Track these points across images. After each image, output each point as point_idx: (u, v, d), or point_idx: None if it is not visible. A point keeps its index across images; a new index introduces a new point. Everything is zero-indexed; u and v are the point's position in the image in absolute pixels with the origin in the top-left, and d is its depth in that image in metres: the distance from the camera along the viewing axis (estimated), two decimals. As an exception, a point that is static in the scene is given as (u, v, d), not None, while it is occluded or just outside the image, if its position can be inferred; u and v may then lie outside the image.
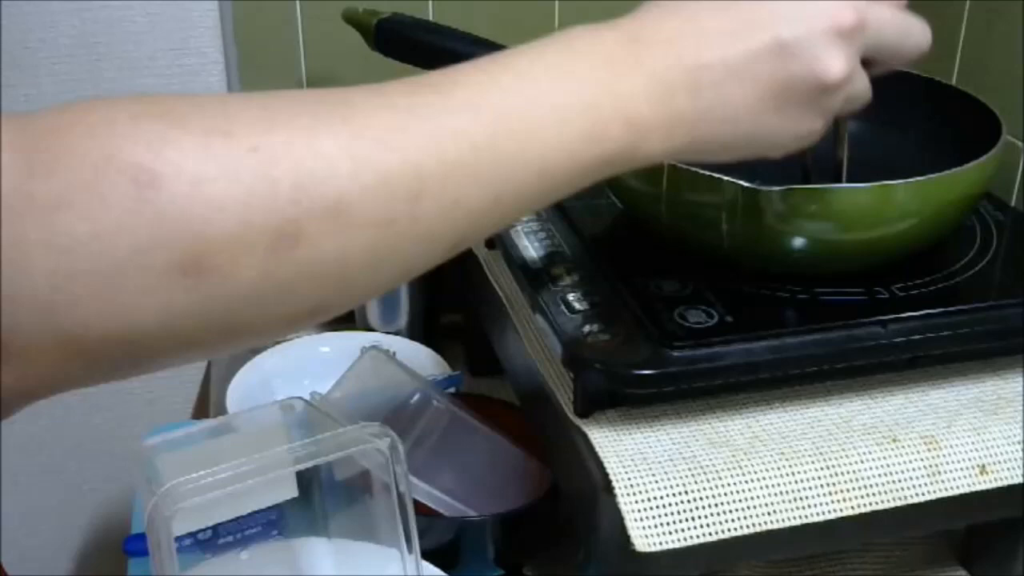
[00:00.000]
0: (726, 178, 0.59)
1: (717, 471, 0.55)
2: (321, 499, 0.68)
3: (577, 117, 0.43)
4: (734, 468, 0.55)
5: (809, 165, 0.63)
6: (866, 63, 0.50)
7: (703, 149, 0.47)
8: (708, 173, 0.59)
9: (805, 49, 0.46)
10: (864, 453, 0.56)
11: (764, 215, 0.59)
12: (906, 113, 0.76)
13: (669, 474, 0.54)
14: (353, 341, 0.91)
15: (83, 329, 0.34)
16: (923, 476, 0.57)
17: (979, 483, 0.57)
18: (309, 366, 0.90)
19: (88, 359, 0.35)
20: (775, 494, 0.55)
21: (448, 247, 0.42)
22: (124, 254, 0.33)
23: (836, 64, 0.46)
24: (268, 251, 0.36)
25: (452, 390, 0.83)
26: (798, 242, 0.61)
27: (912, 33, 0.51)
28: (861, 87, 0.50)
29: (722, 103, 0.46)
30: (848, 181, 0.62)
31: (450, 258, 0.43)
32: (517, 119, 0.41)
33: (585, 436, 0.57)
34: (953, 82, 0.90)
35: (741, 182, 0.58)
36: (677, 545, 0.53)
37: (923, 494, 0.57)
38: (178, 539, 0.59)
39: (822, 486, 0.55)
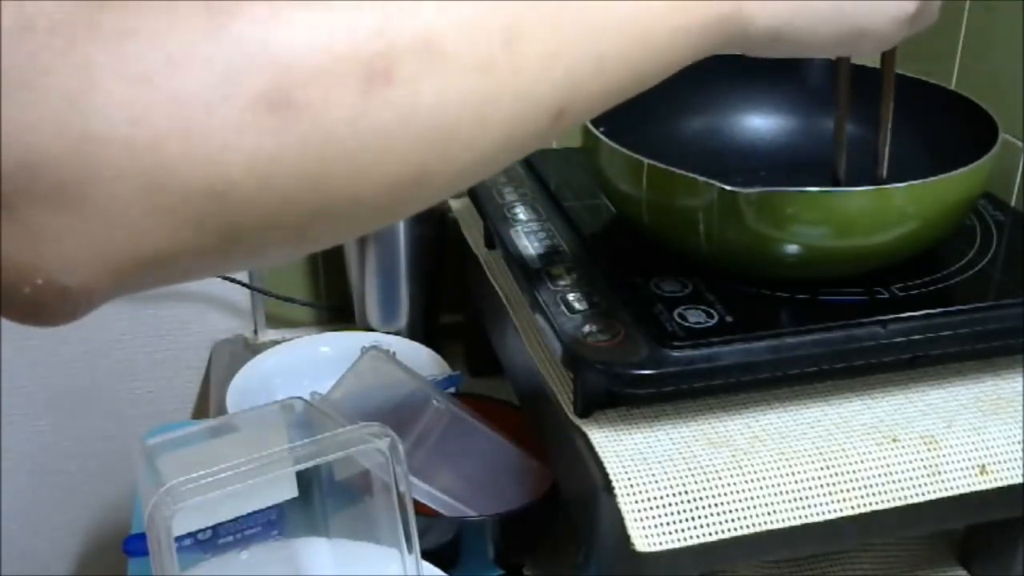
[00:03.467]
0: (703, 179, 0.58)
1: (717, 471, 0.55)
2: (321, 499, 0.68)
3: None
4: (734, 468, 0.55)
5: (840, 162, 0.62)
6: None
7: (802, 26, 0.46)
8: (684, 173, 0.59)
9: None
10: (864, 453, 0.57)
11: (742, 217, 0.59)
12: (903, 117, 0.76)
13: (669, 474, 0.54)
14: (353, 341, 0.91)
15: (168, 172, 0.31)
16: (923, 476, 0.57)
17: (979, 483, 0.57)
18: (309, 366, 0.91)
19: (176, 216, 0.32)
20: (775, 494, 0.55)
21: (553, 113, 0.39)
22: (204, 84, 0.30)
23: None
24: (360, 86, 0.33)
25: (452, 390, 0.83)
26: (779, 246, 0.60)
27: None
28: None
29: None
30: (845, 185, 0.62)
31: (558, 133, 0.40)
32: None
33: (585, 436, 0.57)
34: (953, 83, 0.90)
35: (718, 183, 0.58)
36: (677, 545, 0.53)
37: (923, 494, 0.57)
38: (178, 539, 0.59)
39: (822, 486, 0.55)
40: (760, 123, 0.81)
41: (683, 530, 0.53)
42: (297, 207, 0.34)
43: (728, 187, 0.57)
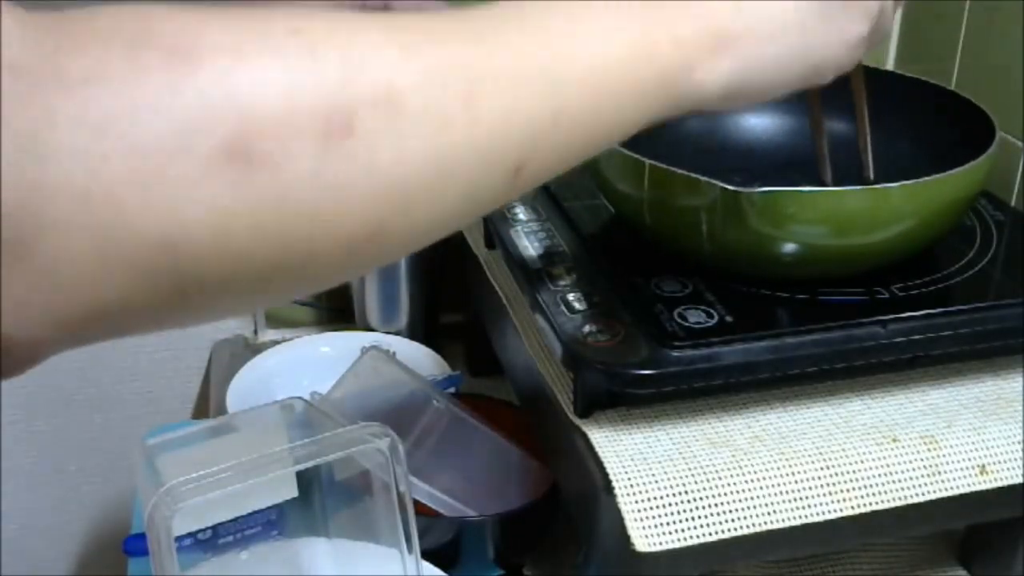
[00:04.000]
0: (706, 179, 0.58)
1: (717, 471, 0.55)
2: (321, 499, 0.68)
3: (624, 31, 0.42)
4: (734, 468, 0.55)
5: (824, 164, 0.62)
6: None
7: (757, 76, 0.47)
8: (686, 173, 0.59)
9: None
10: (864, 453, 0.57)
11: (745, 217, 0.59)
12: (903, 116, 0.76)
13: (669, 474, 0.54)
14: (353, 341, 0.91)
15: (123, 225, 0.30)
16: (923, 476, 0.57)
17: (979, 483, 0.57)
18: (309, 366, 0.91)
19: (129, 269, 0.31)
20: (775, 494, 0.55)
21: (511, 169, 0.39)
22: (164, 135, 0.30)
23: None
24: (319, 139, 0.32)
25: (452, 390, 0.83)
26: (781, 245, 0.60)
27: None
28: (889, 10, 0.51)
29: (765, 19, 0.46)
30: (844, 184, 0.62)
31: (517, 192, 0.40)
32: (563, 33, 0.40)
33: (585, 436, 0.57)
34: (953, 82, 0.90)
35: (721, 183, 0.58)
36: (677, 545, 0.53)
37: (923, 494, 0.57)
38: (178, 539, 0.59)
39: (822, 486, 0.55)
40: (756, 122, 0.81)
41: (683, 530, 0.53)
42: (252, 262, 0.33)
43: (731, 187, 0.57)
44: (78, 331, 0.32)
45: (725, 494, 0.54)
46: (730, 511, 0.54)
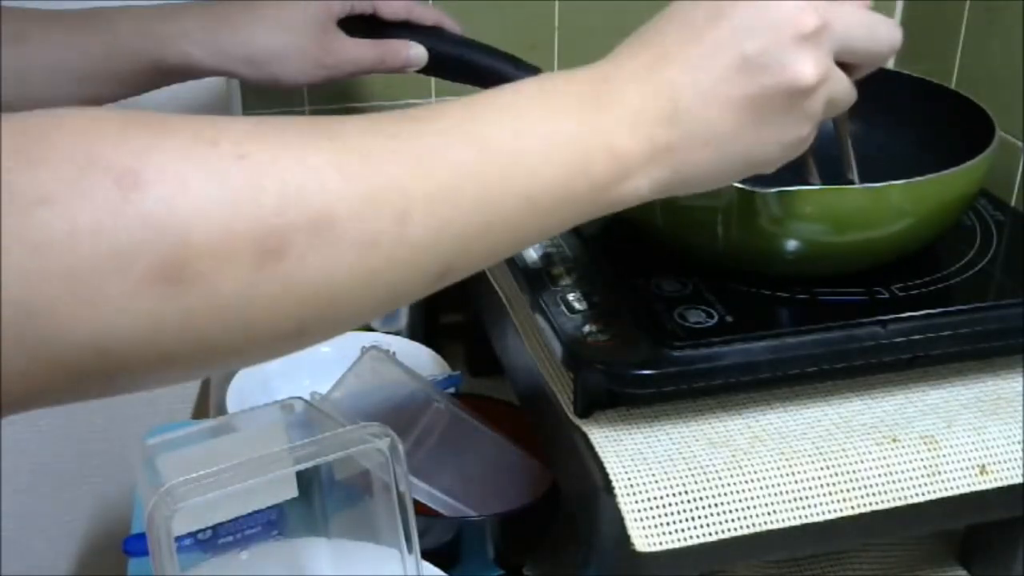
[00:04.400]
0: None
1: (717, 471, 0.55)
2: (321, 499, 0.68)
3: (562, 146, 0.43)
4: (734, 468, 0.55)
5: (810, 166, 0.62)
6: (846, 67, 0.50)
7: (691, 179, 0.48)
8: None
9: (772, 59, 0.46)
10: (864, 453, 0.57)
11: (759, 217, 0.59)
12: (904, 115, 0.76)
13: (669, 474, 0.54)
14: (353, 341, 0.91)
15: (58, 337, 0.32)
16: (923, 476, 0.57)
17: (979, 483, 0.57)
18: (309, 366, 0.90)
19: (61, 372, 0.33)
20: (775, 494, 0.55)
21: (436, 275, 0.41)
22: (103, 256, 0.32)
23: (806, 68, 0.46)
24: (252, 262, 0.35)
25: (452, 390, 0.83)
26: (794, 244, 0.60)
27: (879, 31, 0.51)
28: (841, 88, 0.50)
29: (701, 127, 0.46)
30: (842, 183, 0.62)
31: (438, 288, 0.42)
32: (503, 147, 0.42)
33: (585, 436, 0.57)
34: (953, 82, 0.90)
35: (736, 184, 0.58)
36: (677, 545, 0.53)
37: (923, 494, 0.57)
38: (178, 539, 0.59)
39: (822, 486, 0.55)
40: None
41: (683, 530, 0.53)
42: (180, 362, 0.36)
43: (747, 187, 0.58)
44: (9, 412, 0.34)
45: (725, 494, 0.54)
46: (730, 511, 0.54)
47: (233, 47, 0.71)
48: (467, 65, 0.75)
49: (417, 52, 0.76)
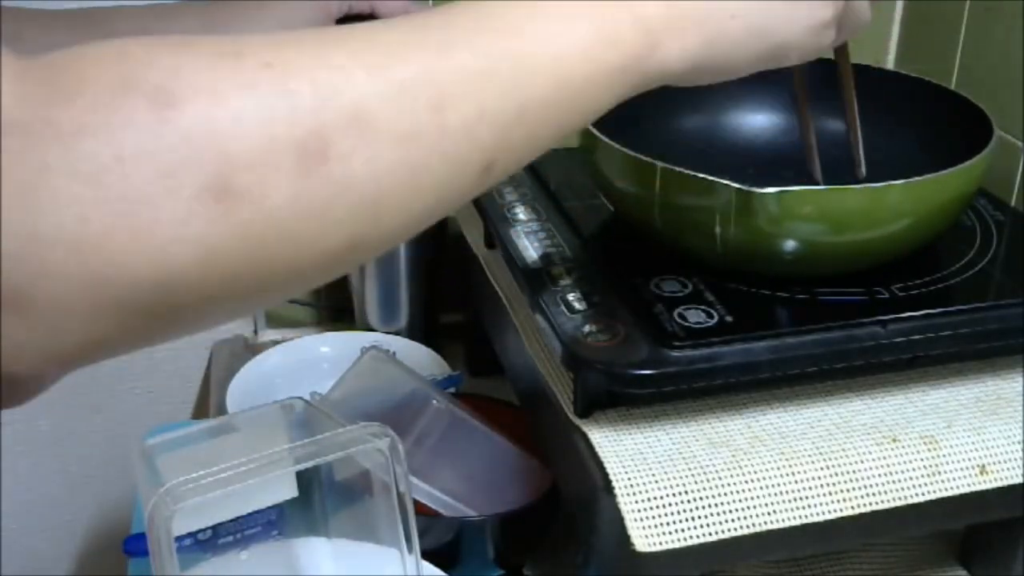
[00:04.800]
0: (719, 180, 0.59)
1: (717, 471, 0.55)
2: (321, 499, 0.68)
3: (586, 16, 0.42)
4: (734, 468, 0.55)
5: (813, 156, 0.62)
6: None
7: (719, 55, 0.47)
8: (701, 176, 0.59)
9: None
10: (864, 453, 0.57)
11: (758, 217, 0.59)
12: (903, 115, 0.76)
13: (669, 474, 0.54)
14: (353, 341, 0.91)
15: (115, 268, 0.32)
16: (923, 476, 0.57)
17: (979, 483, 0.57)
18: (309, 366, 0.91)
19: (123, 308, 0.33)
20: (775, 494, 0.55)
21: (480, 167, 0.40)
22: (151, 179, 0.31)
23: None
24: (297, 167, 0.34)
25: (452, 390, 0.83)
26: (793, 244, 0.60)
27: None
28: None
29: None
30: (844, 183, 0.62)
31: (487, 187, 0.42)
32: (526, 23, 0.41)
33: (585, 436, 0.57)
34: (953, 82, 0.90)
35: (734, 184, 0.58)
36: (677, 545, 0.53)
37: (923, 494, 0.57)
38: (178, 539, 0.59)
39: (822, 486, 0.55)
40: (744, 120, 0.81)
41: (683, 530, 0.53)
42: (239, 285, 0.35)
43: (745, 187, 0.58)
44: (77, 363, 0.34)
45: (725, 494, 0.54)
46: (730, 511, 0.54)
47: None
48: None
49: None
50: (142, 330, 0.34)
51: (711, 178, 0.59)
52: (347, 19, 0.76)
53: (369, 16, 0.76)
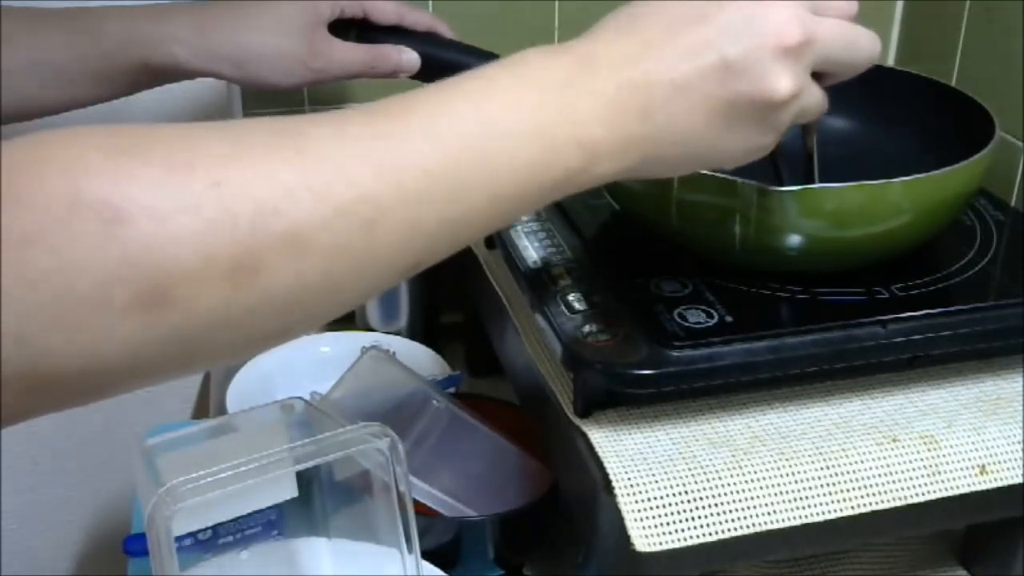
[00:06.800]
0: (741, 180, 0.59)
1: (717, 471, 0.55)
2: (321, 499, 0.68)
3: (530, 143, 0.44)
4: (734, 468, 0.55)
5: (779, 163, 0.63)
6: (818, 76, 0.51)
7: (654, 168, 0.48)
8: (723, 176, 0.59)
9: (751, 68, 0.46)
10: (864, 453, 0.57)
11: (774, 216, 0.59)
12: (904, 114, 0.76)
13: (669, 474, 0.54)
14: (353, 341, 0.91)
15: (47, 361, 0.35)
16: (923, 476, 0.57)
17: (979, 483, 0.57)
18: (309, 366, 0.90)
19: (51, 390, 0.36)
20: (775, 494, 0.55)
21: (405, 269, 0.43)
22: (88, 289, 0.34)
23: (783, 82, 0.47)
24: (229, 282, 0.37)
25: (452, 390, 0.83)
26: (796, 240, 0.61)
27: (860, 45, 0.51)
28: (813, 100, 0.51)
29: (672, 122, 0.46)
30: (842, 180, 0.62)
31: (410, 276, 0.44)
32: (473, 145, 0.42)
33: (585, 436, 0.57)
34: (953, 82, 0.90)
35: (758, 184, 0.58)
36: (677, 545, 0.53)
37: (923, 494, 0.57)
38: (178, 539, 0.59)
39: (822, 486, 0.55)
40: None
41: (683, 530, 0.53)
42: (166, 372, 0.39)
43: (768, 187, 0.58)
44: (9, 424, 0.37)
45: (725, 494, 0.54)
46: (730, 511, 0.54)
47: (220, 49, 0.72)
48: (460, 71, 0.75)
49: (409, 57, 0.76)
50: (74, 401, 0.38)
51: (732, 178, 0.59)
52: (339, 22, 0.75)
53: (363, 20, 0.76)
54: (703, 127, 0.47)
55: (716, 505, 0.54)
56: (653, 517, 0.53)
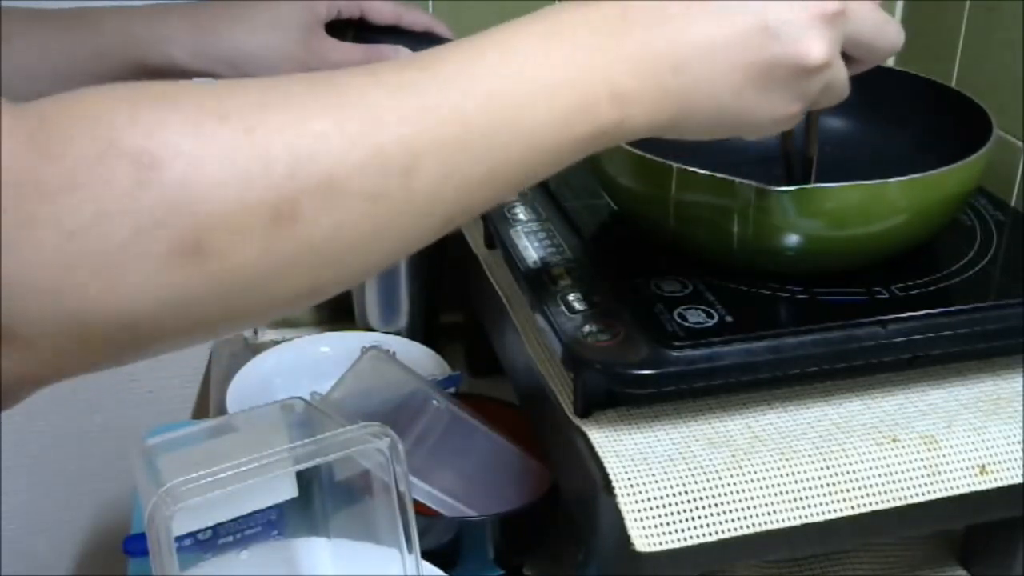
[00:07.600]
0: (738, 180, 0.59)
1: (717, 471, 0.55)
2: (321, 499, 0.68)
3: (565, 92, 0.43)
4: (734, 468, 0.55)
5: (792, 157, 0.63)
6: (846, 60, 0.51)
7: (684, 126, 0.48)
8: (720, 176, 0.59)
9: (789, 31, 0.47)
10: (864, 453, 0.57)
11: (772, 216, 0.59)
12: (903, 114, 0.76)
13: (669, 474, 0.54)
14: (353, 341, 0.91)
15: (88, 313, 0.34)
16: (923, 476, 0.57)
17: (979, 483, 0.57)
18: (309, 366, 0.90)
19: (92, 344, 0.35)
20: (775, 494, 0.55)
21: (443, 222, 0.42)
22: (127, 236, 0.34)
23: (817, 48, 0.47)
24: (266, 229, 0.36)
25: (452, 390, 0.83)
26: (798, 241, 0.61)
27: (888, 30, 0.52)
28: (840, 77, 0.51)
29: (706, 80, 0.46)
30: (841, 180, 0.62)
31: (446, 232, 0.43)
32: (506, 94, 0.42)
33: (585, 436, 0.57)
34: (953, 82, 0.90)
35: (756, 184, 0.58)
36: (677, 545, 0.53)
37: (923, 494, 0.57)
38: (178, 539, 0.59)
39: (822, 486, 0.55)
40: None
41: (683, 530, 0.53)
42: (203, 327, 0.38)
43: (766, 187, 0.58)
44: (49, 383, 0.37)
45: (725, 494, 0.54)
46: (730, 511, 0.54)
47: (216, 49, 0.72)
48: None
49: None
50: (112, 358, 0.37)
51: (730, 178, 0.59)
52: (336, 22, 0.75)
53: (361, 20, 0.76)
54: (736, 87, 0.47)
55: (716, 505, 0.54)
56: (653, 517, 0.53)
